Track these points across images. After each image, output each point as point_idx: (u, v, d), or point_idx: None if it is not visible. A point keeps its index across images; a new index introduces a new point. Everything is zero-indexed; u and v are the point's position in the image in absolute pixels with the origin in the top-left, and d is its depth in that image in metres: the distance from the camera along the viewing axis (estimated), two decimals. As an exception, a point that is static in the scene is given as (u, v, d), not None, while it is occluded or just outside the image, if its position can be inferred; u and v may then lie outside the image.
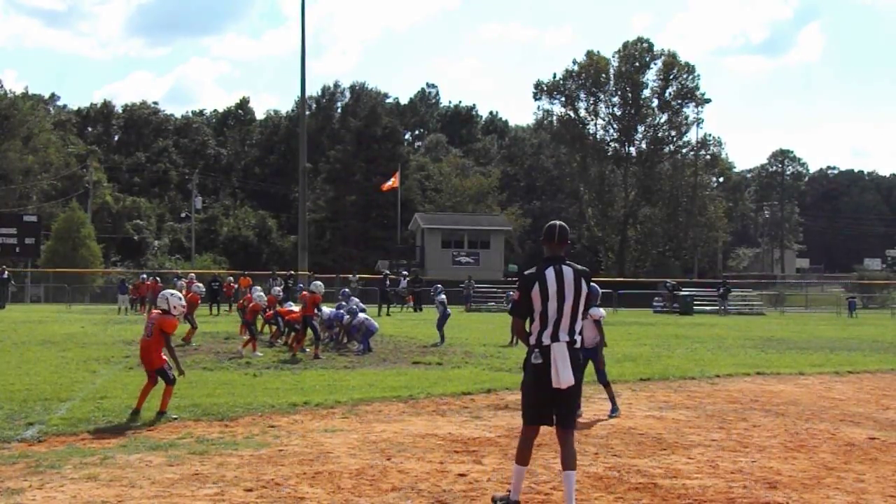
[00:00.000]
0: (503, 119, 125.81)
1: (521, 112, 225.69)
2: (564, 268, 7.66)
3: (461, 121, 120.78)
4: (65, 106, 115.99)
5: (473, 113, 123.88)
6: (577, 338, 7.64)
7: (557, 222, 8.09)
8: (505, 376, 17.51)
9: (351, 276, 52.43)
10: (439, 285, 29.02)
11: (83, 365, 19.04)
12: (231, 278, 49.29)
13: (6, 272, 48.45)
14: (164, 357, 12.83)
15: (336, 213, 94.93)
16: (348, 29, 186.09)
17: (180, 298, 13.30)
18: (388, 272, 52.83)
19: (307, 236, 55.68)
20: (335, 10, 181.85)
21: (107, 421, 11.95)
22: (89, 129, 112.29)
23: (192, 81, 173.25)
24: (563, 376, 7.39)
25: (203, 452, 9.98)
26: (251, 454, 9.94)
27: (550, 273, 7.62)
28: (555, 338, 7.50)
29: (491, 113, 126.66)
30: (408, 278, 50.97)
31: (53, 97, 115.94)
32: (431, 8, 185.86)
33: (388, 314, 43.04)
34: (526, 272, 7.89)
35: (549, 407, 7.65)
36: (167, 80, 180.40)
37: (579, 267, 7.78)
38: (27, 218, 71.47)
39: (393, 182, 74.98)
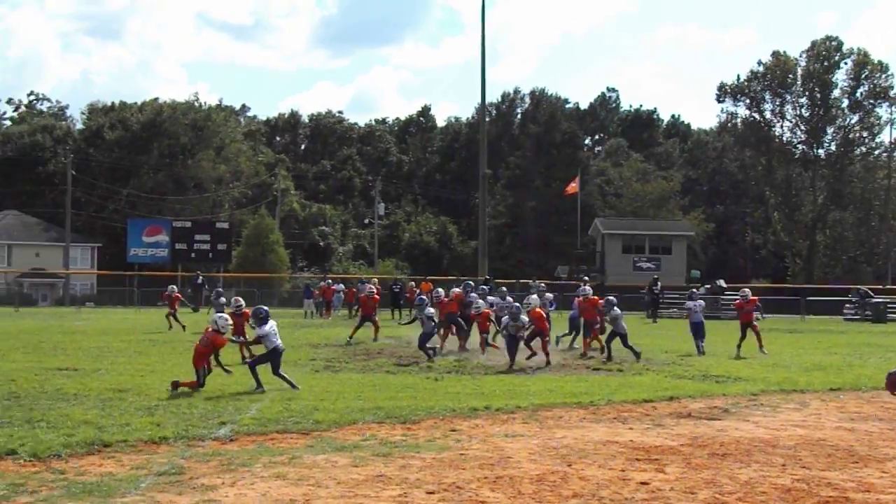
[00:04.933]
0: (685, 122, 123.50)
1: (703, 115, 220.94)
2: None
3: (642, 125, 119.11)
4: (254, 116, 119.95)
5: (654, 116, 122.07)
6: None
7: None
8: (688, 384, 17.20)
9: (532, 281, 52.40)
10: (423, 297, 25.83)
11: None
12: (413, 283, 49.98)
13: (200, 277, 50.36)
14: (206, 362, 15.89)
15: (516, 219, 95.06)
16: (526, 35, 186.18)
17: (227, 320, 16.54)
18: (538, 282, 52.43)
19: (487, 242, 55.99)
20: (513, 16, 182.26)
21: (294, 422, 12.28)
22: (277, 138, 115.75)
23: (374, 90, 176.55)
24: None
25: (386, 454, 10.16)
26: (433, 457, 10.05)
27: None
28: None
29: (672, 116, 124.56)
30: (588, 284, 50.50)
31: (244, 108, 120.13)
32: (609, 11, 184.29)
33: None
34: None
35: None
36: (350, 89, 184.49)
37: None
38: (220, 225, 74.31)
39: (573, 187, 74.64)
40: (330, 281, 48.45)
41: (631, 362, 21.51)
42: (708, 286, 53.10)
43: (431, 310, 23.08)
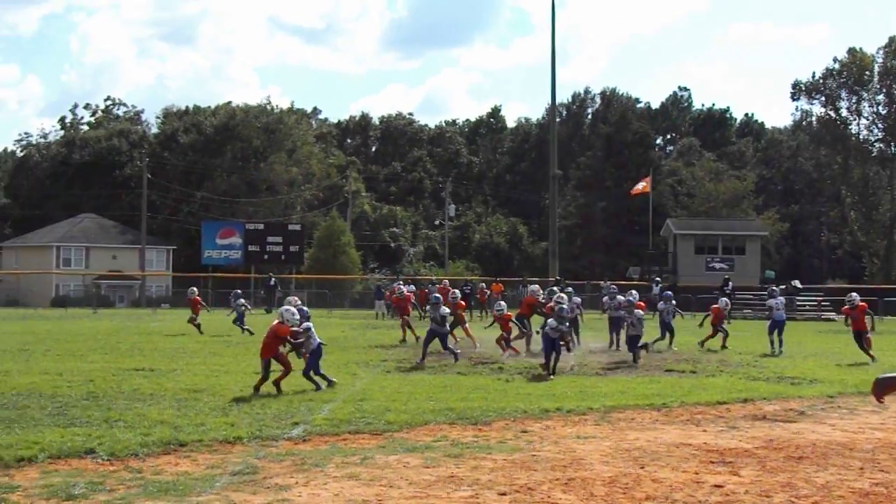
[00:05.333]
0: (758, 121, 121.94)
1: (777, 113, 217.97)
2: None
3: (714, 124, 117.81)
4: (325, 119, 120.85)
5: (727, 115, 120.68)
6: None
7: None
8: (762, 386, 16.99)
9: (602, 282, 52.15)
10: (438, 295, 24.35)
11: (343, 368, 19.76)
12: (483, 284, 50.00)
13: (273, 279, 50.82)
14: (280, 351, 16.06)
15: (586, 220, 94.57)
16: (596, 35, 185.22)
17: (293, 314, 16.49)
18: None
19: (558, 243, 55.81)
20: (583, 16, 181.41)
21: (366, 422, 12.35)
22: (348, 140, 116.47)
23: (443, 92, 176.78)
24: None
25: (458, 455, 10.17)
26: (504, 458, 10.05)
27: None
28: None
29: (746, 115, 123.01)
30: (660, 285, 50.19)
31: (315, 111, 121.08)
32: (679, 10, 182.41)
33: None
34: None
35: None
36: (420, 91, 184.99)
37: None
38: (292, 227, 74.93)
39: (644, 187, 74.01)
40: (401, 282, 48.67)
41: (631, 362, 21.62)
42: (783, 287, 52.43)
43: (446, 309, 22.68)
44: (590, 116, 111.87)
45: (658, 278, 54.04)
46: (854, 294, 24.76)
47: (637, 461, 10.01)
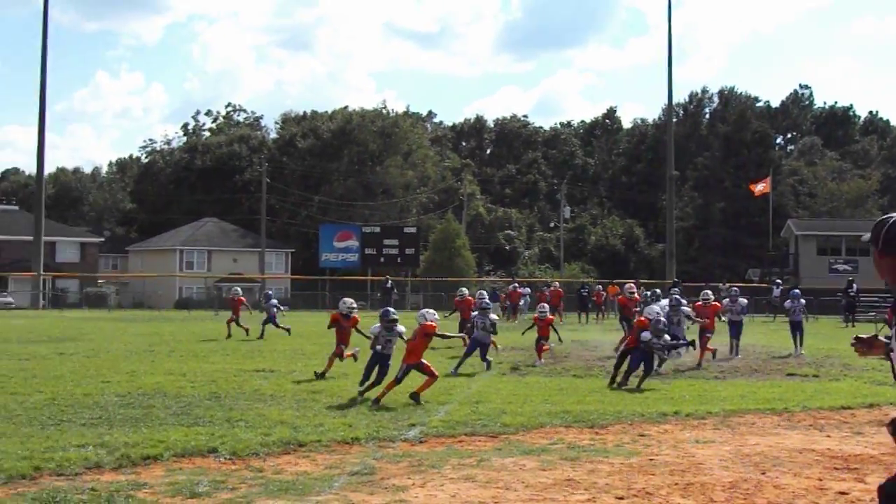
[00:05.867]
0: (884, 119, 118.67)
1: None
2: None
3: (837, 122, 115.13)
4: (440, 122, 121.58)
5: (851, 113, 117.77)
6: None
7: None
8: (888, 391, 16.50)
9: (721, 284, 51.32)
10: (488, 301, 22.60)
11: (460, 370, 19.81)
12: (600, 287, 49.70)
13: (389, 281, 51.23)
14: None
15: (704, 221, 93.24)
16: (714, 33, 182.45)
17: (434, 314, 16.00)
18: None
19: (675, 244, 55.09)
20: (699, 15, 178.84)
21: (482, 425, 12.36)
22: (463, 143, 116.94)
23: (558, 94, 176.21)
24: None
25: (574, 458, 10.12)
26: (622, 462, 9.97)
27: None
28: None
29: (870, 112, 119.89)
30: (781, 287, 49.17)
31: (430, 114, 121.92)
32: (800, 7, 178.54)
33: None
34: None
35: None
36: (534, 93, 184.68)
37: None
38: (407, 230, 75.64)
39: (764, 187, 72.66)
40: (517, 284, 48.61)
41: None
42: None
43: (495, 317, 21.38)
44: (707, 116, 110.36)
45: (779, 280, 52.99)
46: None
47: (758, 466, 9.82)
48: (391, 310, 16.34)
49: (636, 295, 26.59)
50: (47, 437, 10.98)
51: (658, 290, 33.21)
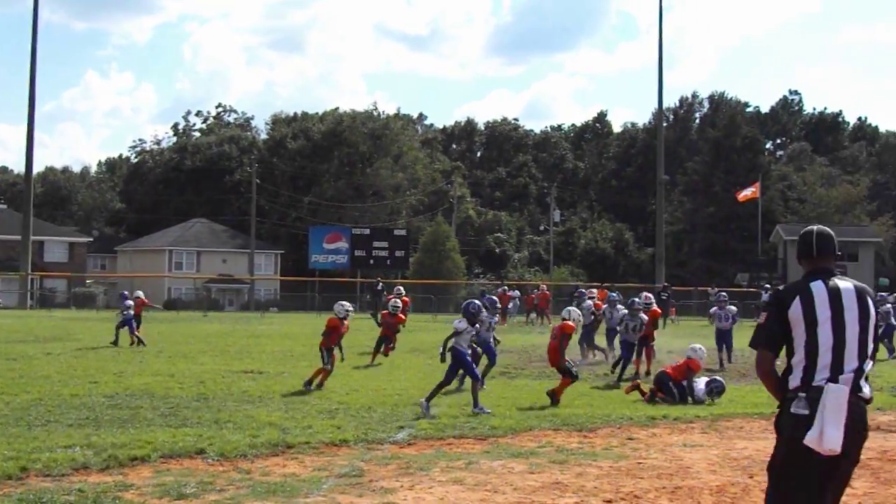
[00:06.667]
0: (872, 125, 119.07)
1: (892, 117, 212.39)
2: (840, 282, 5.45)
3: (826, 128, 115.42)
4: (431, 125, 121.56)
5: (840, 119, 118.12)
6: (866, 387, 5.23)
7: (816, 228, 5.66)
8: (876, 396, 16.53)
9: (710, 288, 51.44)
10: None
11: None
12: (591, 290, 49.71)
13: (380, 283, 51.22)
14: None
15: (693, 225, 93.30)
16: (704, 38, 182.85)
17: (344, 306, 17.46)
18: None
19: (664, 248, 55.16)
20: (690, 20, 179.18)
21: (471, 427, 12.37)
22: (453, 146, 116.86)
23: (549, 97, 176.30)
24: (828, 437, 4.95)
25: (563, 462, 10.13)
26: (610, 465, 9.98)
27: (819, 287, 5.36)
28: (833, 378, 5.12)
29: (859, 119, 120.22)
30: (770, 292, 49.27)
31: (421, 117, 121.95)
32: (790, 12, 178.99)
33: None
34: (781, 287, 5.88)
35: (814, 493, 5.14)
36: (525, 96, 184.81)
37: (858, 283, 5.59)
38: (397, 232, 75.57)
39: (752, 193, 72.81)
40: (506, 287, 48.60)
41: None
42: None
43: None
44: (697, 121, 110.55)
45: (768, 285, 53.09)
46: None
47: (746, 470, 9.86)
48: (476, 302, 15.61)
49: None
50: (34, 438, 10.96)
51: (583, 290, 32.51)
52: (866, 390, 5.22)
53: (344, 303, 18.51)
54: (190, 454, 10.18)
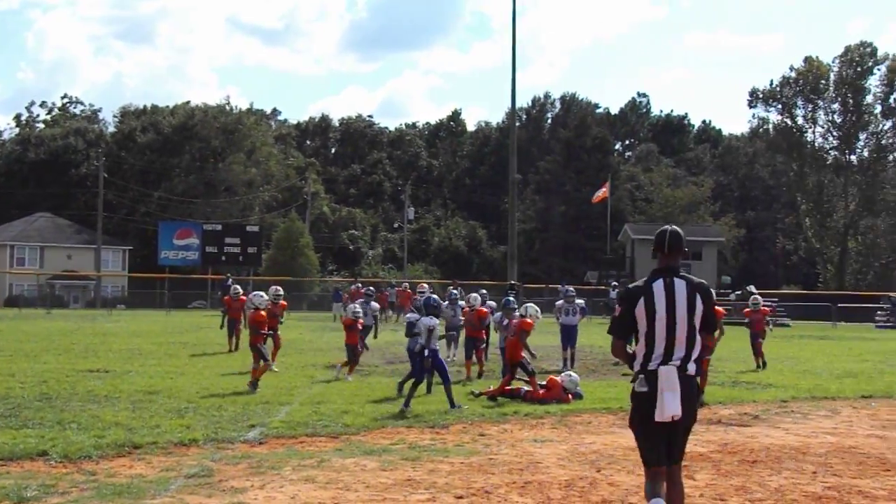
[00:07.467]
0: (716, 128, 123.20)
1: (734, 120, 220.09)
2: (676, 281, 6.60)
3: (672, 130, 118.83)
4: (285, 120, 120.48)
5: (685, 122, 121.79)
6: (692, 366, 6.49)
7: (669, 228, 6.86)
8: (717, 390, 17.10)
9: (560, 286, 52.32)
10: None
11: (301, 371, 19.72)
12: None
13: (230, 279, 50.58)
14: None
15: (545, 224, 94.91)
16: (556, 40, 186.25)
17: (262, 296, 17.93)
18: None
19: (516, 246, 55.88)
20: (543, 21, 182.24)
21: (323, 425, 12.31)
22: (308, 142, 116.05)
23: (403, 95, 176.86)
24: (668, 407, 6.30)
25: (415, 458, 10.16)
26: (462, 462, 10.06)
27: (659, 286, 6.55)
28: (664, 362, 6.41)
29: (704, 122, 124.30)
30: (617, 289, 50.43)
31: (274, 112, 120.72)
32: (639, 17, 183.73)
33: None
34: (630, 285, 6.90)
35: (662, 444, 6.54)
36: (380, 93, 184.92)
37: (696, 280, 6.73)
38: (250, 228, 74.70)
39: (603, 193, 74.44)
40: (359, 285, 48.52)
41: None
42: (738, 293, 52.89)
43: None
44: (549, 121, 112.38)
45: (615, 283, 54.30)
46: (758, 297, 24.93)
47: (594, 465, 10.05)
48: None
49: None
50: None
51: (455, 291, 32.42)
52: (692, 369, 6.49)
53: (259, 293, 18.55)
54: (31, 456, 9.86)
